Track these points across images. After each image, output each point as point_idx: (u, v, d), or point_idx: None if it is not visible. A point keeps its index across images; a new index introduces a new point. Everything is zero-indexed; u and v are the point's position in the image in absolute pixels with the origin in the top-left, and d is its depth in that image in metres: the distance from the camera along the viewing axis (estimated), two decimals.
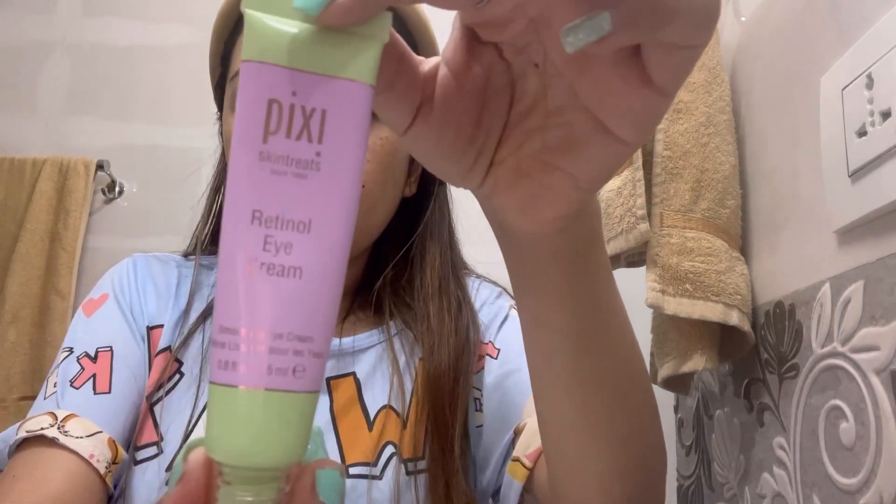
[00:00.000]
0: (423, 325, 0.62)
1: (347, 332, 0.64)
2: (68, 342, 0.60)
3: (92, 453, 0.51)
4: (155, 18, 2.04)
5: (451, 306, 0.64)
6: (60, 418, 0.52)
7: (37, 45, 2.03)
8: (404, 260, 0.66)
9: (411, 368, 0.61)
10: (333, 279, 0.24)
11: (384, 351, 0.62)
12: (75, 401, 0.54)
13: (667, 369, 0.71)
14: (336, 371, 0.61)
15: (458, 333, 0.62)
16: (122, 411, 0.55)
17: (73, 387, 0.55)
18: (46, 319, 1.76)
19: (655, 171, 0.71)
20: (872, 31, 0.52)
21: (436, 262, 0.65)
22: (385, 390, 0.60)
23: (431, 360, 0.59)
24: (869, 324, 0.50)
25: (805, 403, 0.59)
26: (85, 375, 0.56)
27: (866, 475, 0.50)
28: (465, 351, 0.61)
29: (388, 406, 0.59)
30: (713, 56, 0.73)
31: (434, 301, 0.63)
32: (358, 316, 0.66)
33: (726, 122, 0.72)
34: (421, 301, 0.63)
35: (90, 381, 0.56)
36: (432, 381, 0.59)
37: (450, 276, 0.66)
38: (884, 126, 0.49)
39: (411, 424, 0.58)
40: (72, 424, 0.52)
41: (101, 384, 0.56)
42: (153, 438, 0.55)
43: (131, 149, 1.95)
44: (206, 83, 0.73)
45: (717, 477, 0.76)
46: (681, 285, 0.67)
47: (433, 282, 0.64)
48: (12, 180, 1.85)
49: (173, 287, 0.64)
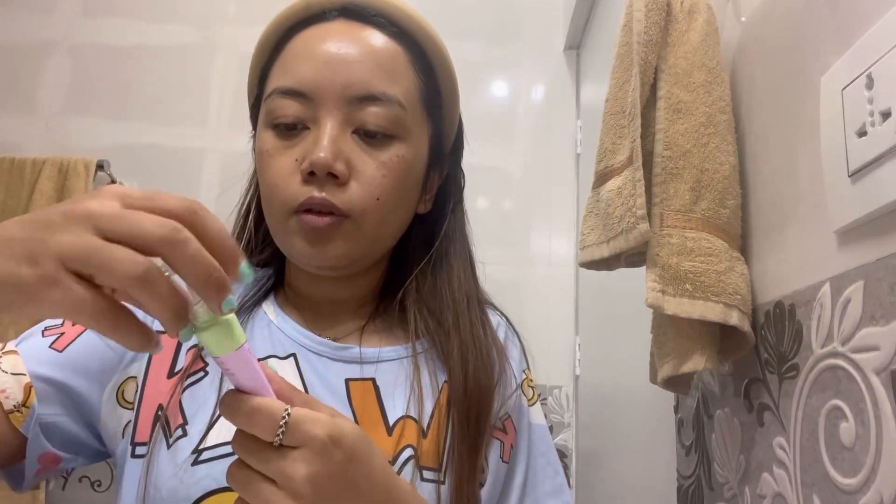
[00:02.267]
0: (454, 340, 0.64)
1: (369, 342, 0.65)
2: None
3: (3, 388, 0.55)
4: (155, 18, 2.04)
5: (482, 323, 0.67)
6: (2, 350, 0.58)
7: (37, 45, 2.03)
8: (424, 273, 0.68)
9: (434, 388, 0.63)
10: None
11: (409, 365, 0.64)
12: (31, 343, 0.60)
13: (667, 369, 0.71)
14: (355, 374, 0.63)
15: (491, 353, 0.65)
16: (56, 373, 0.58)
17: (42, 333, 0.61)
18: None
19: (655, 171, 0.71)
20: (872, 31, 0.52)
21: (460, 277, 0.68)
22: (405, 403, 0.61)
23: (463, 375, 0.62)
24: (869, 324, 0.51)
25: (805, 403, 0.59)
26: (57, 330, 0.61)
27: (866, 475, 0.50)
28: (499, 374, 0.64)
29: (408, 416, 0.60)
30: (713, 56, 0.73)
31: (464, 316, 0.66)
32: (376, 325, 0.68)
33: (726, 122, 0.72)
34: (449, 315, 0.66)
35: (55, 336, 0.60)
36: (468, 393, 0.61)
37: (474, 293, 0.69)
38: (884, 126, 0.49)
39: (431, 436, 0.60)
40: (6, 359, 0.57)
41: (60, 343, 0.60)
42: (178, 421, 0.58)
43: (131, 149, 1.95)
44: (205, 83, 0.73)
45: (717, 477, 0.76)
46: (681, 285, 0.67)
47: (460, 297, 0.67)
48: (12, 180, 1.85)
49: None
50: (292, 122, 0.61)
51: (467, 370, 0.62)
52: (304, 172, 0.59)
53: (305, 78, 0.61)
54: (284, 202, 0.60)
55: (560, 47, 2.03)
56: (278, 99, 0.61)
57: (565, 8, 1.99)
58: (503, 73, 2.05)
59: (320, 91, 0.60)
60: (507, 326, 0.73)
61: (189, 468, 0.54)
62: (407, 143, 0.63)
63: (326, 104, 0.60)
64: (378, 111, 0.61)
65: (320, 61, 0.61)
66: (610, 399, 1.45)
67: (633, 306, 0.98)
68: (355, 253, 0.62)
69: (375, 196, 0.60)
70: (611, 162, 0.76)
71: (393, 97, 0.61)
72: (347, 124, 0.61)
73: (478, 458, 0.60)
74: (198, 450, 0.55)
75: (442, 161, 0.71)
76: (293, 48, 0.64)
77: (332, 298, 0.68)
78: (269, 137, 0.62)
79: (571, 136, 1.97)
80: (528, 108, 2.03)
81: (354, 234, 0.61)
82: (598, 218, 0.78)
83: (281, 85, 0.62)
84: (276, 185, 0.61)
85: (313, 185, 0.59)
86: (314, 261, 0.61)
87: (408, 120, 0.63)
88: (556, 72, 2.04)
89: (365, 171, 0.60)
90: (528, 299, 1.85)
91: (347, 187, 0.60)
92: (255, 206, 0.72)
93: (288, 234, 0.61)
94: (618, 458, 1.34)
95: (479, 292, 0.71)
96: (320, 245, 0.60)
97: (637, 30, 0.72)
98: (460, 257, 0.70)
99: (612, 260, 0.77)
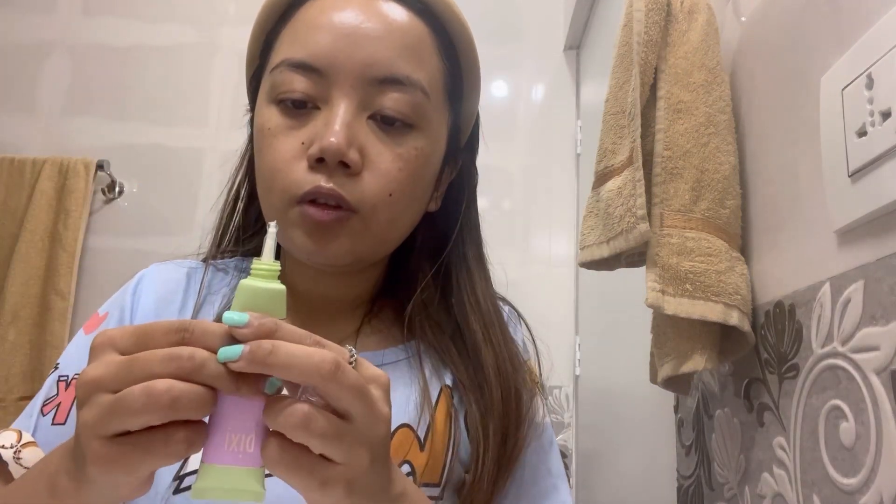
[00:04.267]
0: (486, 355, 0.60)
1: (365, 346, 0.62)
2: (62, 358, 0.62)
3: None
4: (155, 18, 2.04)
5: (502, 328, 0.63)
6: (22, 442, 0.54)
7: (37, 45, 2.03)
8: (436, 276, 0.64)
9: (433, 394, 0.60)
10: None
11: (408, 369, 0.61)
12: (39, 426, 0.56)
13: (667, 369, 0.71)
14: None
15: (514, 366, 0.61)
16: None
17: (41, 412, 0.57)
18: (46, 319, 1.77)
19: (655, 171, 0.71)
20: (872, 31, 0.52)
21: (482, 284, 0.65)
22: (403, 408, 0.57)
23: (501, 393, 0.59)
24: (869, 324, 0.51)
25: (805, 403, 0.59)
26: (53, 402, 0.57)
27: (866, 475, 0.50)
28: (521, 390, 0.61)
29: (407, 425, 0.57)
30: (713, 56, 0.73)
31: (481, 323, 0.62)
32: (375, 327, 0.64)
33: (726, 122, 0.72)
34: (465, 322, 0.62)
35: (54, 410, 0.57)
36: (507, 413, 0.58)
37: (492, 300, 0.65)
38: (884, 126, 0.49)
39: (430, 449, 0.56)
40: (27, 452, 0.53)
41: (60, 415, 0.56)
42: None
43: (131, 149, 1.95)
44: (205, 83, 0.73)
45: (717, 477, 0.76)
46: (681, 285, 0.67)
47: (487, 307, 0.63)
48: (12, 180, 1.85)
49: (180, 295, 0.62)
50: (301, 98, 0.55)
51: (508, 388, 0.59)
52: (312, 158, 0.53)
53: (320, 51, 0.54)
54: (286, 189, 0.54)
55: (560, 47, 2.03)
56: (287, 72, 0.55)
57: (565, 8, 1.99)
58: (503, 73, 2.05)
59: (336, 67, 0.54)
60: (516, 317, 0.70)
61: (171, 497, 0.51)
62: (426, 134, 0.57)
63: (341, 83, 0.54)
64: (399, 96, 0.55)
65: (338, 33, 0.54)
66: (610, 399, 1.45)
67: (633, 306, 0.98)
68: (360, 252, 0.57)
69: (388, 191, 0.55)
70: (611, 162, 0.76)
71: (417, 82, 0.55)
72: (363, 108, 0.55)
73: (508, 476, 0.57)
74: (178, 476, 0.52)
75: (457, 155, 0.66)
76: (306, 14, 0.57)
77: (330, 296, 0.63)
78: (272, 114, 0.56)
79: (571, 136, 1.97)
80: (528, 108, 2.03)
81: (361, 231, 0.55)
82: (598, 218, 0.78)
83: (291, 57, 0.55)
84: (277, 168, 0.54)
85: (321, 173, 0.53)
86: (314, 257, 0.56)
87: (429, 109, 0.57)
88: (556, 72, 2.04)
89: (380, 162, 0.54)
90: (528, 299, 1.83)
91: (359, 179, 0.54)
92: (246, 188, 0.66)
93: (287, 225, 0.54)
94: (618, 458, 1.34)
95: (496, 297, 0.67)
96: (323, 241, 0.54)
97: (637, 30, 0.72)
98: (478, 261, 0.66)
99: (612, 260, 0.77)
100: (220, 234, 0.68)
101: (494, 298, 0.66)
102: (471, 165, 0.69)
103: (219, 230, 0.68)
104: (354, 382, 0.37)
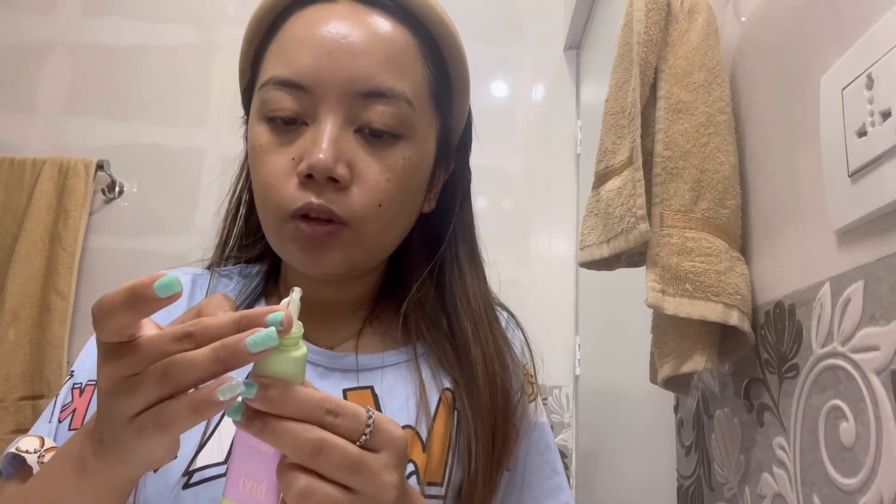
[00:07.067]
0: (475, 351, 0.61)
1: (366, 348, 0.63)
2: (76, 364, 0.63)
3: None
4: (155, 18, 2.04)
5: (501, 335, 0.64)
6: (45, 447, 0.55)
7: (37, 45, 2.03)
8: (430, 275, 0.66)
9: (433, 395, 0.61)
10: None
11: (408, 371, 0.61)
12: (58, 433, 0.57)
13: (667, 369, 0.71)
14: (353, 383, 0.60)
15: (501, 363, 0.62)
16: None
17: (58, 419, 0.58)
18: (46, 319, 1.76)
19: (655, 171, 0.71)
20: (872, 31, 0.52)
21: (474, 282, 0.65)
22: (405, 410, 0.59)
23: (489, 390, 0.60)
24: (869, 324, 0.51)
25: (805, 403, 0.59)
26: (69, 409, 0.59)
27: (866, 475, 0.50)
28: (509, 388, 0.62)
29: (409, 426, 0.58)
30: (713, 56, 0.73)
31: (483, 325, 0.63)
32: (373, 328, 0.65)
33: (726, 122, 0.72)
34: (456, 320, 0.63)
35: (70, 416, 0.58)
36: (495, 409, 0.59)
37: (488, 298, 0.66)
38: (884, 126, 0.49)
39: (433, 449, 0.57)
40: (50, 457, 0.54)
41: (76, 420, 0.57)
42: None
43: (131, 149, 1.95)
44: (205, 83, 0.73)
45: (717, 477, 0.76)
46: (681, 285, 0.67)
47: (477, 305, 0.64)
48: (12, 180, 1.85)
49: (185, 301, 0.63)
50: (289, 116, 0.56)
51: (495, 385, 0.60)
52: (301, 175, 0.54)
53: (304, 69, 0.55)
54: (279, 205, 0.55)
55: (560, 47, 2.03)
56: (273, 90, 0.56)
57: (565, 8, 1.99)
58: (503, 73, 2.05)
59: (321, 84, 0.55)
60: (513, 322, 0.71)
61: (180, 492, 0.52)
62: (413, 142, 0.59)
63: (327, 99, 0.55)
64: (384, 109, 0.56)
65: (322, 50, 0.55)
66: (610, 399, 1.45)
67: (633, 306, 0.98)
68: (354, 261, 0.58)
69: (378, 202, 0.56)
70: (611, 162, 0.76)
71: (401, 93, 0.56)
72: (350, 122, 0.56)
73: (500, 473, 0.58)
74: (188, 472, 0.53)
75: (448, 156, 0.67)
76: (291, 30, 0.58)
77: (330, 300, 0.64)
78: (262, 132, 0.57)
79: (571, 136, 1.97)
80: (528, 108, 2.03)
81: (354, 242, 0.57)
82: (598, 218, 0.78)
83: (277, 75, 0.56)
84: (270, 184, 0.56)
85: (311, 189, 0.54)
86: (310, 270, 0.58)
87: (415, 118, 0.58)
88: (556, 72, 2.04)
89: (368, 175, 0.56)
90: (528, 299, 1.85)
91: (348, 193, 0.55)
92: (246, 197, 0.68)
93: (283, 239, 0.57)
94: (618, 458, 1.34)
95: (490, 295, 0.68)
96: (317, 254, 0.56)
97: (637, 30, 0.72)
98: (471, 260, 0.67)
99: (612, 260, 0.77)
100: (223, 241, 0.69)
101: (488, 296, 0.67)
102: (464, 165, 0.70)
103: (222, 237, 0.69)
104: (343, 461, 0.39)
